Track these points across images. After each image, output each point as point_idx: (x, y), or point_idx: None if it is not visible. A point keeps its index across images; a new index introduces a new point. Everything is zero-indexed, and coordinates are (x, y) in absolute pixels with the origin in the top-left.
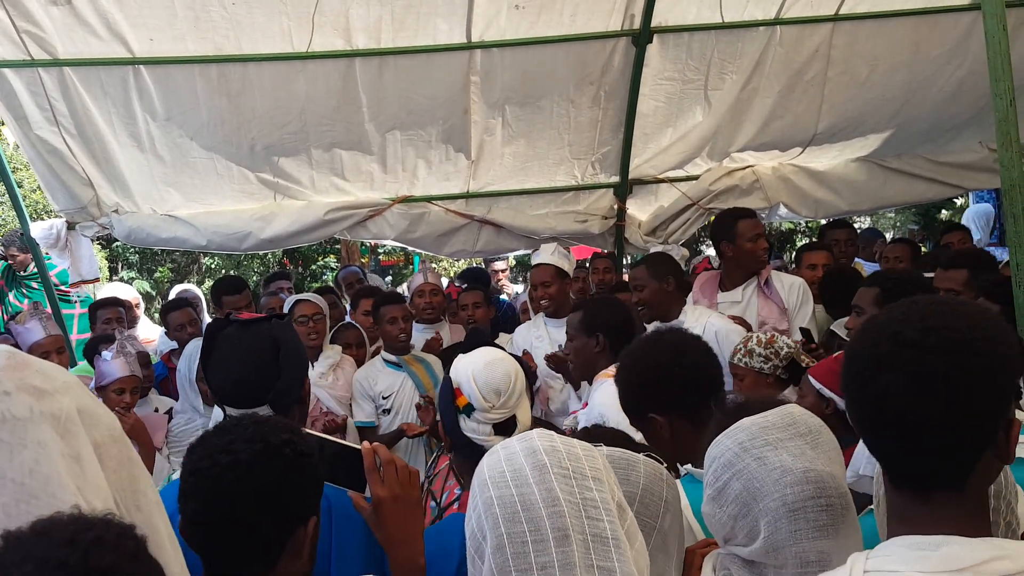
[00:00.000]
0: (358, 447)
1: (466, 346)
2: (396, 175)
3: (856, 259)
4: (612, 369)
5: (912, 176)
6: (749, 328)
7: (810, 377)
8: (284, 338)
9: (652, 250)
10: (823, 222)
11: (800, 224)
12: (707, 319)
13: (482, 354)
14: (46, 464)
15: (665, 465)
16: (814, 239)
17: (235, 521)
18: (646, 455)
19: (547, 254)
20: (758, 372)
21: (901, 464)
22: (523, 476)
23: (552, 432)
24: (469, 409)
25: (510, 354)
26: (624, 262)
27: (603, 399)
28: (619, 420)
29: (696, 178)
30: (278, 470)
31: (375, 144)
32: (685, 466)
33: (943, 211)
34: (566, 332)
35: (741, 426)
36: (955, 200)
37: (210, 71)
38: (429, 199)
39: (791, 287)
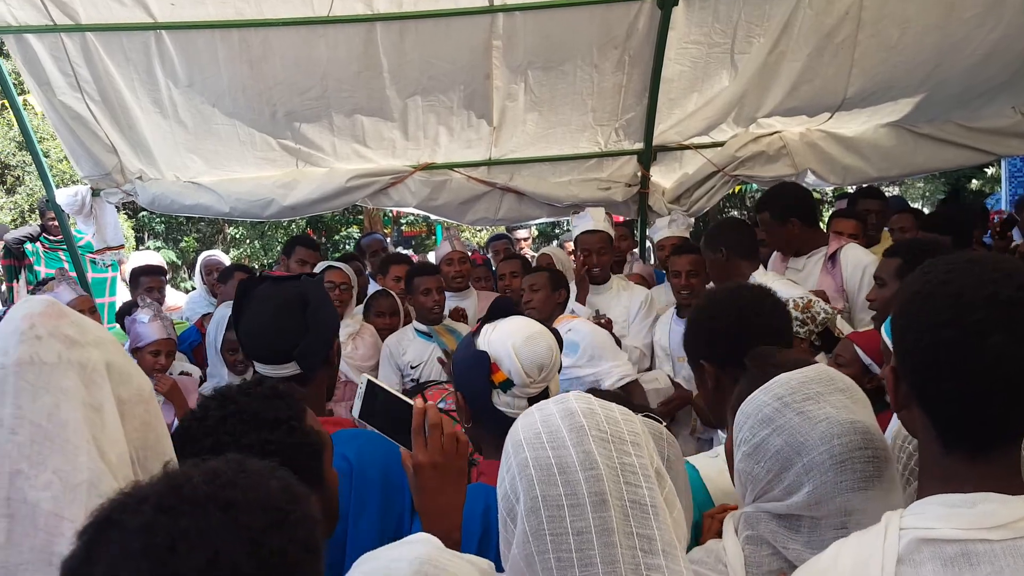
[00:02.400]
0: (411, 403)
1: (490, 316)
2: (418, 142)
3: (885, 228)
4: (568, 315)
5: (943, 142)
6: (827, 300)
7: (856, 347)
8: (313, 295)
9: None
10: (850, 190)
11: (827, 194)
12: (769, 285)
13: (518, 327)
14: (65, 409)
15: (664, 424)
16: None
17: None
18: (644, 416)
19: (600, 221)
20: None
21: (971, 424)
22: (560, 438)
23: (589, 395)
24: (508, 385)
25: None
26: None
27: (578, 336)
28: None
29: (722, 144)
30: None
31: (396, 110)
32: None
33: (973, 180)
34: (529, 283)
35: (778, 381)
36: (985, 169)
37: (231, 36)
38: (451, 166)
39: (856, 266)
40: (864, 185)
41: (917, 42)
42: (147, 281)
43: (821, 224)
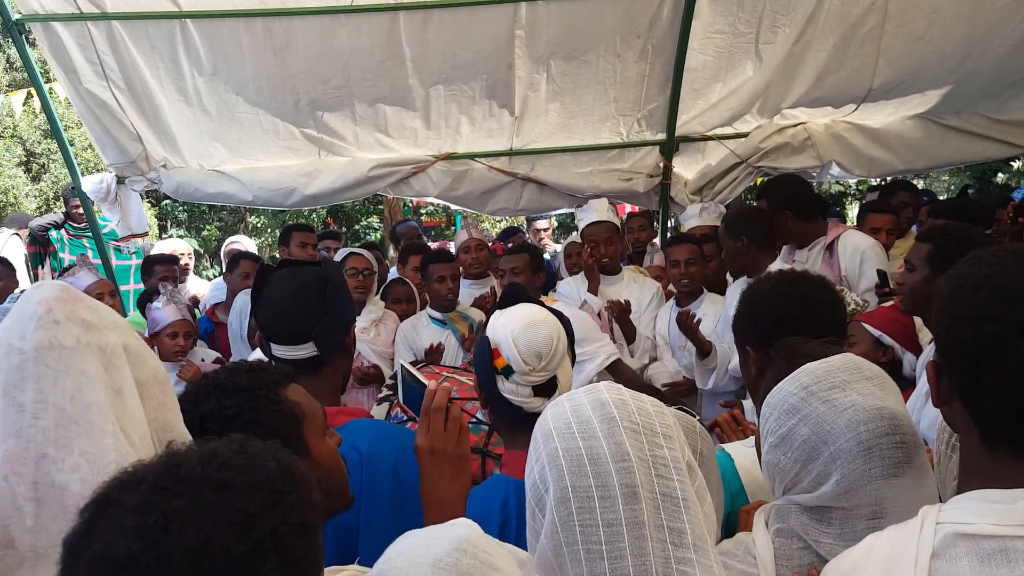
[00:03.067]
0: (426, 383)
1: (504, 302)
2: (439, 132)
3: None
4: (551, 299)
5: (970, 134)
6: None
7: (865, 325)
8: (333, 278)
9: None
10: (873, 182)
11: (851, 186)
12: None
13: (522, 314)
14: (88, 392)
15: (697, 418)
16: (864, 201)
17: None
18: (677, 408)
19: (604, 211)
20: None
21: (1011, 419)
22: (591, 429)
23: (620, 386)
24: (508, 371)
25: (550, 310)
26: (668, 224)
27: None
28: (579, 333)
29: (745, 135)
30: None
31: (419, 99)
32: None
33: (999, 174)
34: (511, 265)
35: (805, 370)
36: (1011, 162)
37: (255, 25)
38: (472, 156)
39: (854, 253)
40: (897, 178)
41: (945, 33)
42: (161, 270)
43: (850, 219)
